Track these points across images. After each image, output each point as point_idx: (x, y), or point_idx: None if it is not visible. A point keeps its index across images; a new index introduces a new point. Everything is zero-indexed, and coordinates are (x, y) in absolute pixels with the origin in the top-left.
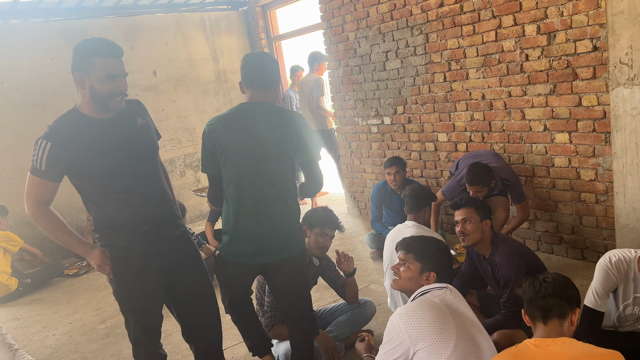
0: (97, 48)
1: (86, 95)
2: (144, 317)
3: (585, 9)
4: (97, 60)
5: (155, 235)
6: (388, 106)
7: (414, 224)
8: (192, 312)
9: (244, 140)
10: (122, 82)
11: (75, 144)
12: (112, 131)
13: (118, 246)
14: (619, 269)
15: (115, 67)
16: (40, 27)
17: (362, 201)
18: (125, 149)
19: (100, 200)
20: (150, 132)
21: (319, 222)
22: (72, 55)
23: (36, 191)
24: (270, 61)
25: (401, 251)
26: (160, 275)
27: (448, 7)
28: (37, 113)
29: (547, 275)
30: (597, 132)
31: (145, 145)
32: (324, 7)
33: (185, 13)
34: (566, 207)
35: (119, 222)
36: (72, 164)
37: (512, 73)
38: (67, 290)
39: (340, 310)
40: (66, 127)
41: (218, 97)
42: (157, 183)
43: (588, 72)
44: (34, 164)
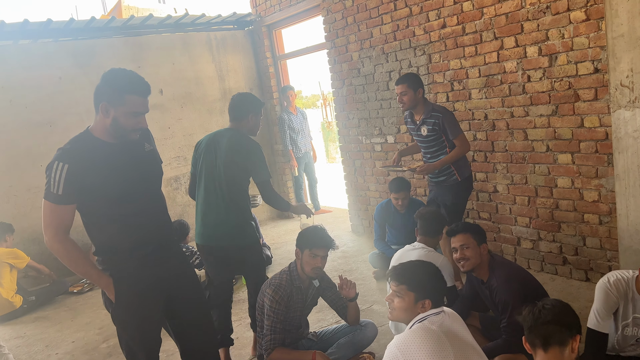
0: (129, 85)
1: (106, 123)
2: (143, 340)
3: (586, 32)
4: (128, 97)
5: (155, 259)
6: (391, 125)
7: (423, 246)
8: (191, 334)
9: (209, 155)
10: (144, 119)
11: (90, 165)
12: (123, 155)
13: (119, 269)
14: (618, 288)
15: (142, 106)
16: (50, 47)
17: (366, 219)
18: (135, 173)
19: (105, 223)
20: (156, 158)
21: (308, 243)
22: (101, 83)
23: (56, 218)
24: (240, 99)
25: (393, 282)
26: (160, 298)
27: (450, 29)
28: (45, 131)
29: (546, 302)
30: (599, 153)
31: (152, 171)
32: (328, 27)
33: (192, 32)
34: (570, 228)
35: (121, 245)
36: (86, 186)
37: (514, 94)
38: (71, 308)
39: (341, 332)
40: (81, 150)
41: (224, 115)
42: (160, 208)
43: (590, 93)
44: (49, 190)
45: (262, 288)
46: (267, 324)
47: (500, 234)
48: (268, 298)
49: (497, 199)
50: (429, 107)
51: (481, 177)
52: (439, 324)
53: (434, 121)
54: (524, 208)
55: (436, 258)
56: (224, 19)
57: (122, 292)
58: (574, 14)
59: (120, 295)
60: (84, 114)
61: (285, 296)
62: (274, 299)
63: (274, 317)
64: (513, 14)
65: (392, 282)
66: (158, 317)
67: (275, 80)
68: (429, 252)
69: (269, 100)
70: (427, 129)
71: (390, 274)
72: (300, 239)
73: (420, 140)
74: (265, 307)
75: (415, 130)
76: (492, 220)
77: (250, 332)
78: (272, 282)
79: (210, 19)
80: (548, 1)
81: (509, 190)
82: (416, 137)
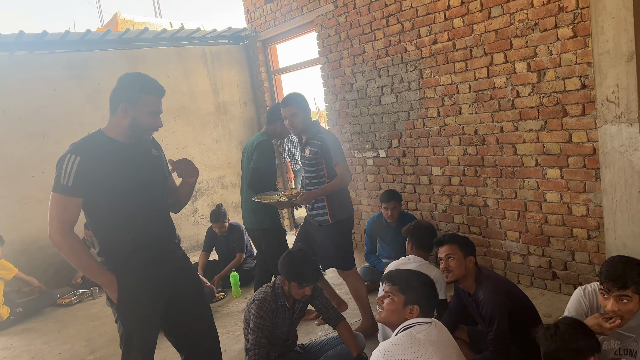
0: (148, 85)
1: (124, 123)
2: (141, 339)
3: (573, 48)
4: (146, 97)
5: (157, 260)
6: (383, 139)
7: (420, 260)
8: (194, 342)
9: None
10: (160, 119)
11: (100, 161)
12: (133, 155)
13: (121, 269)
14: (590, 299)
15: (159, 105)
16: (45, 59)
17: (358, 233)
18: (141, 174)
19: (109, 221)
20: (162, 163)
21: (295, 278)
22: (119, 86)
23: (62, 212)
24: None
25: (386, 283)
26: (160, 300)
27: (441, 44)
28: (38, 143)
29: (560, 323)
30: (587, 168)
31: (158, 174)
32: (321, 42)
33: (187, 46)
34: (559, 243)
35: (124, 244)
36: (95, 181)
37: (503, 109)
38: (58, 320)
39: (329, 344)
40: (92, 145)
41: (217, 129)
42: (163, 211)
43: (577, 109)
44: (59, 182)
45: (247, 304)
46: (251, 338)
47: (490, 248)
48: (253, 313)
49: (487, 214)
50: (315, 129)
51: (471, 192)
52: (425, 333)
53: (318, 143)
54: (513, 222)
55: (430, 270)
56: (220, 33)
57: (124, 291)
58: (562, 30)
59: (122, 294)
60: (77, 126)
61: (270, 311)
62: (258, 314)
63: (259, 332)
64: (502, 30)
65: (386, 282)
66: (157, 318)
67: (269, 95)
68: (423, 264)
69: (263, 114)
70: (309, 150)
71: (385, 275)
72: (286, 269)
73: (303, 163)
74: (250, 322)
75: (301, 151)
76: (482, 234)
77: (239, 345)
78: (257, 298)
79: (205, 33)
80: (536, 18)
81: (499, 204)
82: (301, 159)
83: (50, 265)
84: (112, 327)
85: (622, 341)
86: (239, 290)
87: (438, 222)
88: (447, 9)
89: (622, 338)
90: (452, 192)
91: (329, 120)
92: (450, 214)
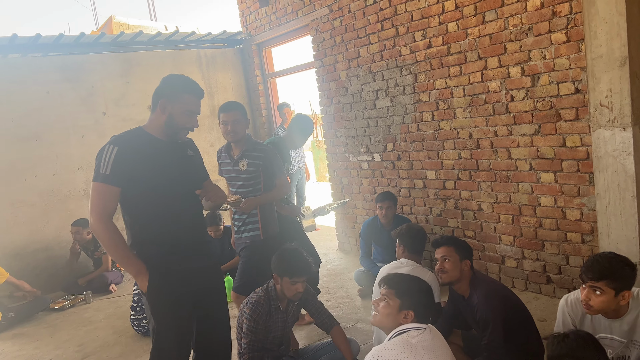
0: (188, 85)
1: (161, 120)
2: (175, 332)
3: (566, 53)
4: (185, 96)
5: (186, 256)
6: (378, 143)
7: (413, 263)
8: (208, 342)
9: None
10: (196, 119)
11: (137, 153)
12: (169, 152)
13: (150, 262)
14: (574, 306)
15: (196, 105)
16: (38, 62)
17: (353, 237)
18: (174, 171)
19: (141, 214)
20: (197, 164)
21: (286, 271)
22: (161, 84)
23: (101, 200)
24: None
25: (384, 286)
26: (188, 294)
27: (436, 49)
28: (31, 146)
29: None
30: (581, 172)
31: (191, 172)
32: (316, 46)
33: (182, 50)
34: (553, 247)
35: (155, 238)
36: (131, 173)
37: (498, 113)
38: (50, 324)
39: (322, 349)
40: (131, 138)
41: (212, 132)
42: (196, 209)
43: (571, 113)
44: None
45: (240, 307)
46: (244, 342)
47: (485, 252)
48: (246, 317)
49: (481, 218)
50: (252, 141)
51: (466, 196)
52: (419, 339)
53: (260, 155)
54: (508, 226)
55: (424, 273)
56: (215, 37)
57: (153, 283)
58: (555, 35)
59: (152, 286)
60: (71, 129)
61: (263, 314)
62: (252, 317)
63: (252, 335)
64: (496, 34)
65: (383, 285)
66: (187, 312)
67: (264, 98)
68: (417, 268)
69: (258, 117)
70: (247, 163)
71: (383, 278)
72: (278, 265)
73: (235, 177)
74: (243, 326)
75: (231, 165)
76: (477, 238)
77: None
78: (250, 301)
79: (200, 36)
80: (530, 23)
81: (494, 208)
82: (232, 172)
83: (42, 269)
84: (104, 332)
85: (614, 349)
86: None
87: (433, 226)
88: (442, 13)
89: (615, 345)
90: (446, 196)
91: (324, 124)
92: (445, 218)
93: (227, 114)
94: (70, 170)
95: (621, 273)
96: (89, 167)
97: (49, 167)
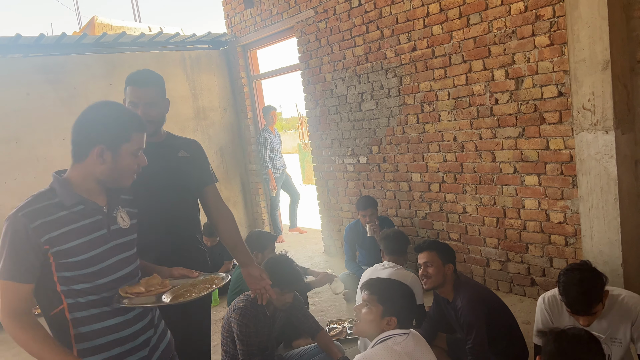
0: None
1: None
2: None
3: (550, 56)
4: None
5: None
6: (363, 146)
7: (393, 265)
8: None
9: None
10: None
11: None
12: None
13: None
14: (552, 306)
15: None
16: (18, 63)
17: (339, 240)
18: (156, 172)
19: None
20: (188, 166)
21: (278, 283)
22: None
23: None
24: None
25: (365, 291)
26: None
27: (420, 51)
28: (11, 148)
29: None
30: (564, 175)
31: (177, 175)
32: (302, 48)
33: (166, 51)
34: (537, 249)
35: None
36: None
37: (482, 116)
38: None
39: (307, 354)
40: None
41: (197, 134)
42: (179, 212)
43: (554, 116)
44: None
45: (228, 314)
46: (241, 348)
47: (469, 255)
48: (236, 323)
49: (466, 220)
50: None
51: (451, 199)
52: (402, 345)
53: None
54: (492, 229)
55: (405, 276)
56: (199, 38)
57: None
58: (539, 38)
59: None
60: (52, 131)
61: (252, 317)
62: (242, 322)
63: (246, 339)
64: (481, 37)
65: (365, 291)
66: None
67: (249, 100)
68: (399, 270)
69: (243, 119)
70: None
71: (365, 283)
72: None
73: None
74: (234, 332)
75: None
76: (462, 241)
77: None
78: (237, 307)
79: (184, 37)
80: (514, 26)
81: (478, 211)
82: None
83: None
84: None
85: None
86: (217, 298)
87: (418, 229)
88: (427, 16)
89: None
90: (431, 198)
91: (309, 126)
92: (430, 221)
93: (141, 90)
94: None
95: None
96: None
97: (30, 170)
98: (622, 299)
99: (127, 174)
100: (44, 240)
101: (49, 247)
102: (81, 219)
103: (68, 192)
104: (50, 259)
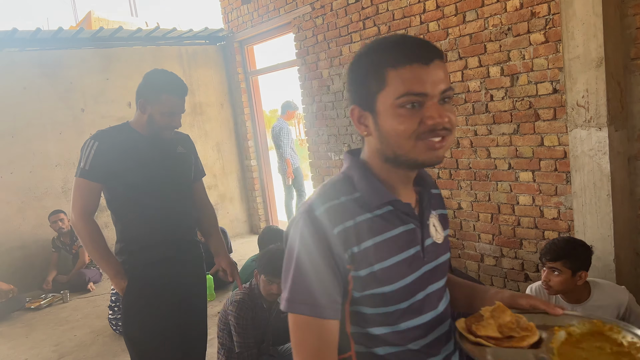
0: (168, 85)
1: (143, 119)
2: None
3: (545, 53)
4: (164, 97)
5: (169, 259)
6: (359, 142)
7: None
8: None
9: None
10: (178, 119)
11: (118, 148)
12: (153, 149)
13: (131, 263)
14: (538, 295)
15: (177, 106)
16: (15, 57)
17: None
18: (159, 168)
19: (124, 213)
20: (187, 162)
21: (265, 269)
22: (142, 82)
23: (81, 196)
24: None
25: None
26: (167, 298)
27: None
28: (7, 142)
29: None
30: (558, 171)
31: (178, 171)
32: (299, 44)
33: (163, 46)
34: (531, 245)
35: (136, 239)
36: (111, 167)
37: (477, 112)
38: (26, 324)
39: None
40: (114, 133)
41: (193, 129)
42: (180, 208)
43: (549, 113)
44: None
45: (225, 306)
46: (237, 340)
47: (464, 250)
48: (233, 315)
49: (461, 216)
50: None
51: (446, 195)
52: None
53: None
54: (487, 225)
55: None
56: (196, 33)
57: (131, 287)
58: (534, 36)
59: (130, 290)
60: (48, 125)
61: (249, 310)
62: (239, 315)
63: (244, 332)
64: (477, 34)
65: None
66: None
67: (246, 96)
68: None
69: (240, 115)
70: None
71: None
72: (260, 261)
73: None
74: (230, 324)
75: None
76: (457, 237)
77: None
78: (234, 299)
79: (181, 33)
80: (509, 23)
81: (473, 207)
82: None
83: (18, 268)
84: (81, 332)
85: None
86: (213, 293)
87: None
88: (423, 12)
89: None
90: None
91: (306, 122)
92: None
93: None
94: (47, 168)
95: (576, 253)
96: (66, 165)
97: (26, 164)
98: (601, 286)
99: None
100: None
101: (352, 268)
102: (391, 227)
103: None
104: (350, 285)
